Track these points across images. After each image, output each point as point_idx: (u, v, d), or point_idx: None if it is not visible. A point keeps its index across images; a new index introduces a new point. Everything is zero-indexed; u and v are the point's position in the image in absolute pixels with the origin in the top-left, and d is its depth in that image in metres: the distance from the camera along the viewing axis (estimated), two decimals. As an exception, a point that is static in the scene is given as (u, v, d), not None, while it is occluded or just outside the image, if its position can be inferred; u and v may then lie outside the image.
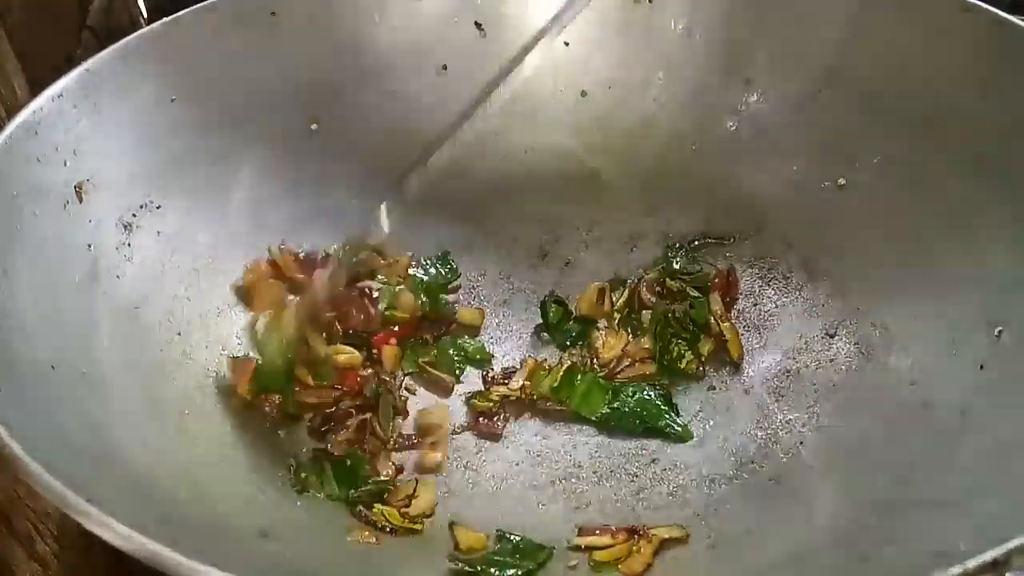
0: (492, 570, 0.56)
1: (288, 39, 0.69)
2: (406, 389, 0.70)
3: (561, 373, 0.68)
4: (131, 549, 0.38)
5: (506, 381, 0.69)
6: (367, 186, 0.72)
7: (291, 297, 0.69)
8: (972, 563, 0.38)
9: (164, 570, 0.38)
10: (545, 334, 0.73)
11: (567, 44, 0.73)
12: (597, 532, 0.59)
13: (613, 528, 0.59)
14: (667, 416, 0.66)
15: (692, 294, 0.71)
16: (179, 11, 0.64)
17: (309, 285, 0.68)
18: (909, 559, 0.46)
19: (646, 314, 0.71)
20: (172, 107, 0.64)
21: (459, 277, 0.75)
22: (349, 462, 0.62)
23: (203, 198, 0.66)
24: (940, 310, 0.59)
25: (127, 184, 0.61)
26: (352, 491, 0.61)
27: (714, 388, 0.68)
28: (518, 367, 0.70)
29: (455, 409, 0.69)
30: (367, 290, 0.71)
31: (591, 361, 0.70)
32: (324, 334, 0.68)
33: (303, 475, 0.61)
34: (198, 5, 0.65)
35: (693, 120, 0.72)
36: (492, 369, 0.71)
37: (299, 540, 0.55)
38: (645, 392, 0.67)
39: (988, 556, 0.38)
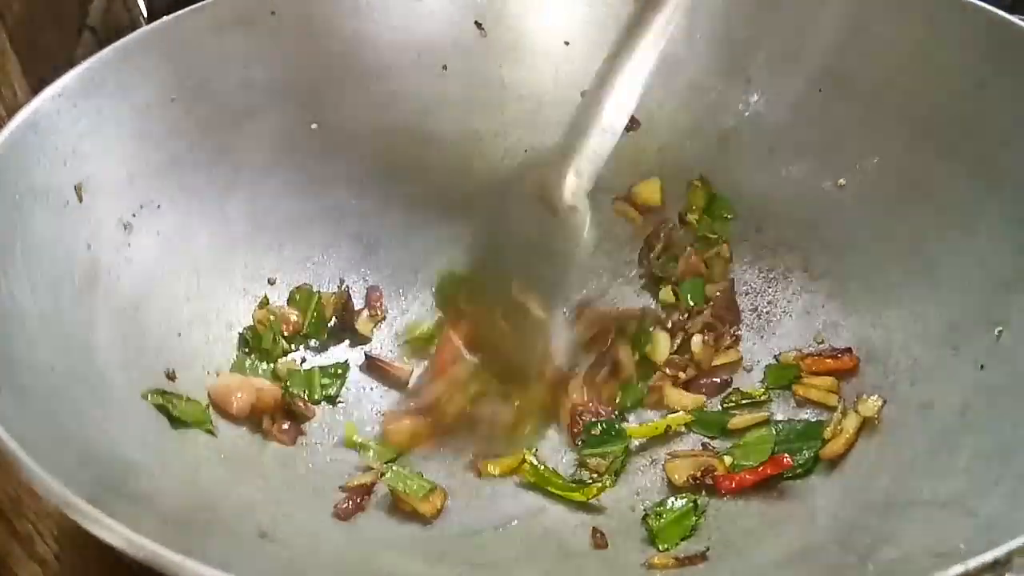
0: None
1: (288, 39, 0.68)
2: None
3: None
4: (133, 552, 0.38)
5: None
6: (367, 186, 0.72)
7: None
8: (972, 563, 0.38)
9: (165, 572, 0.38)
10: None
11: (567, 44, 0.73)
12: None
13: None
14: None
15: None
16: (179, 11, 0.64)
17: None
18: (909, 559, 0.46)
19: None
20: (172, 107, 0.64)
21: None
22: None
23: (203, 198, 0.66)
24: (940, 310, 0.59)
25: (127, 184, 0.61)
26: None
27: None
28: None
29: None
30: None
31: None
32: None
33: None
34: (198, 5, 0.65)
35: (693, 120, 0.72)
36: None
37: (298, 541, 0.55)
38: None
39: (988, 556, 0.38)
